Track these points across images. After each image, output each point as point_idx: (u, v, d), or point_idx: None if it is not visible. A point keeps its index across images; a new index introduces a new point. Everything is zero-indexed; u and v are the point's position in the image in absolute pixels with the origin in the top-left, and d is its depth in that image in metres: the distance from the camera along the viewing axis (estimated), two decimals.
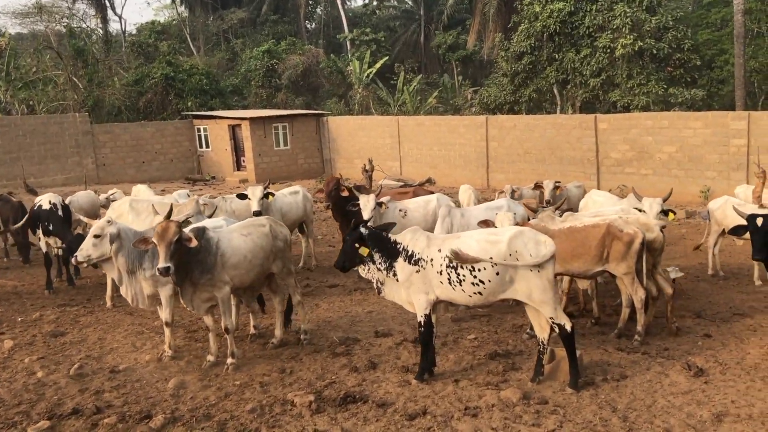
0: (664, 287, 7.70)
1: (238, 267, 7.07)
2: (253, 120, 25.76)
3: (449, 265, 6.18)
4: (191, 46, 42.84)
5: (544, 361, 6.44)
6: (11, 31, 39.42)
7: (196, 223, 7.55)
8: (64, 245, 10.27)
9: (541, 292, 6.10)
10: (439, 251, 6.27)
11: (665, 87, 21.72)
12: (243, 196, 10.72)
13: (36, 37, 40.73)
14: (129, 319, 9.02)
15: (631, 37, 21.48)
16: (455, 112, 30.44)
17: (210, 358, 7.23)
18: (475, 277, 6.11)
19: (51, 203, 10.51)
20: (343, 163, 26.46)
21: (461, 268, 6.14)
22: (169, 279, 6.77)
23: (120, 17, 59.03)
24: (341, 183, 10.76)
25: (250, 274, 7.25)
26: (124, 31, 46.75)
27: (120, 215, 9.69)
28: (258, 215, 9.49)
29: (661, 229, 7.75)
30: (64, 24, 39.34)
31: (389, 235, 6.58)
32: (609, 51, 22.23)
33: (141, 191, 12.76)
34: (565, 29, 23.31)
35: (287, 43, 37.86)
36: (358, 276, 7.80)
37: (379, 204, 9.63)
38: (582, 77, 23.34)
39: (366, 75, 33.96)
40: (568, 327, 6.12)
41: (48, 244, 10.59)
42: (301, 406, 6.05)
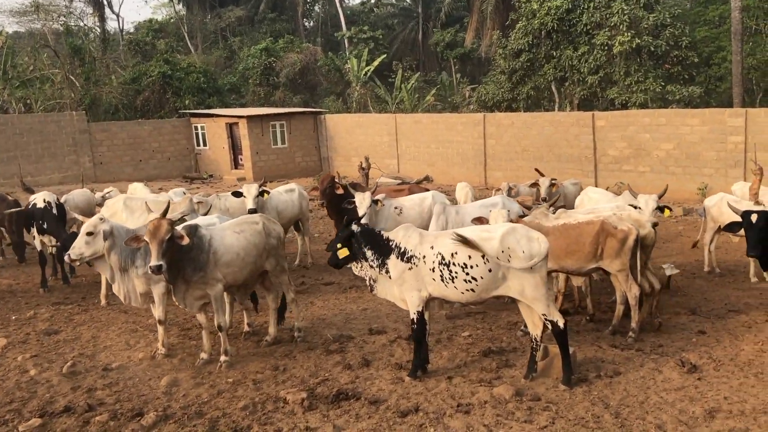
0: (653, 282, 7.71)
1: (231, 265, 7.04)
2: (250, 118, 25.70)
3: (441, 262, 6.17)
4: (189, 44, 42.76)
5: (537, 358, 6.43)
6: (8, 30, 39.41)
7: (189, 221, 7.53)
8: (58, 244, 10.26)
9: (533, 289, 6.08)
10: (432, 248, 6.26)
11: (663, 84, 21.71)
12: (238, 194, 10.69)
13: (33, 36, 40.65)
14: (123, 318, 9.01)
15: (629, 34, 21.47)
16: (453, 110, 30.38)
17: (203, 355, 7.22)
18: (467, 274, 6.10)
19: (45, 202, 10.48)
20: (340, 161, 26.43)
21: (453, 265, 6.13)
22: (161, 277, 6.76)
23: (117, 15, 58.94)
24: (336, 181, 10.74)
25: (243, 272, 7.23)
26: (121, 30, 46.80)
27: (114, 213, 9.66)
28: (253, 213, 9.46)
29: (653, 226, 7.73)
30: (61, 22, 39.30)
31: (381, 232, 6.56)
32: (607, 48, 22.22)
33: (137, 189, 12.74)
34: (563, 26, 23.28)
35: (285, 41, 37.81)
36: (354, 273, 7.78)
37: (375, 202, 9.63)
38: (580, 75, 23.32)
39: (364, 73, 33.91)
40: (560, 324, 6.11)
41: (43, 242, 10.58)
42: (293, 403, 6.03)
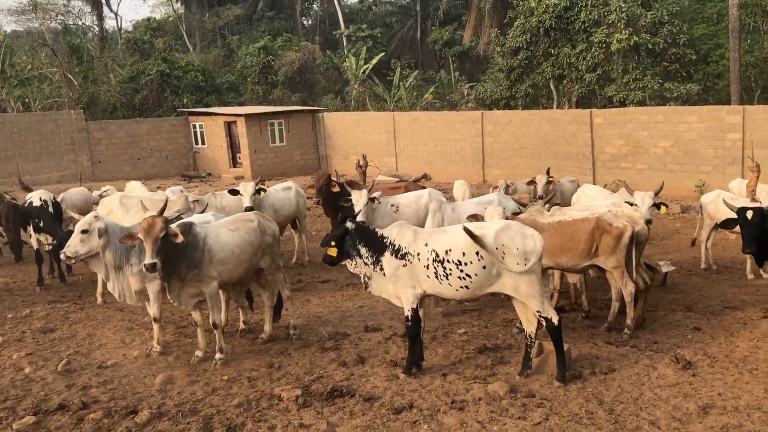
0: (647, 279, 7.71)
1: (226, 262, 7.04)
2: (248, 116, 25.69)
3: (436, 259, 6.17)
4: (187, 42, 42.74)
5: (531, 355, 6.43)
6: (7, 29, 39.45)
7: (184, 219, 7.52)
8: (55, 242, 10.25)
9: (527, 286, 6.08)
10: (426, 245, 6.26)
11: (661, 82, 21.71)
12: (235, 192, 10.68)
13: (31, 35, 40.61)
14: (119, 315, 9.00)
15: (627, 32, 21.46)
16: (452, 108, 30.37)
17: (198, 353, 7.21)
18: (461, 271, 6.09)
19: (42, 200, 10.48)
20: (339, 159, 26.42)
21: (448, 262, 6.13)
22: (156, 275, 6.76)
23: (116, 14, 59.13)
24: (332, 179, 10.74)
25: (238, 270, 7.22)
26: (119, 28, 46.73)
27: (110, 211, 9.66)
28: (250, 211, 9.45)
29: (646, 223, 7.73)
30: (59, 21, 39.29)
31: (376, 229, 6.56)
32: (605, 46, 22.22)
33: (134, 188, 12.73)
34: (561, 24, 23.26)
35: (283, 39, 37.78)
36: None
37: (372, 199, 9.62)
38: (578, 72, 23.30)
39: (362, 71, 33.89)
40: (555, 320, 6.11)
41: (39, 240, 10.57)
42: (287, 400, 6.03)
